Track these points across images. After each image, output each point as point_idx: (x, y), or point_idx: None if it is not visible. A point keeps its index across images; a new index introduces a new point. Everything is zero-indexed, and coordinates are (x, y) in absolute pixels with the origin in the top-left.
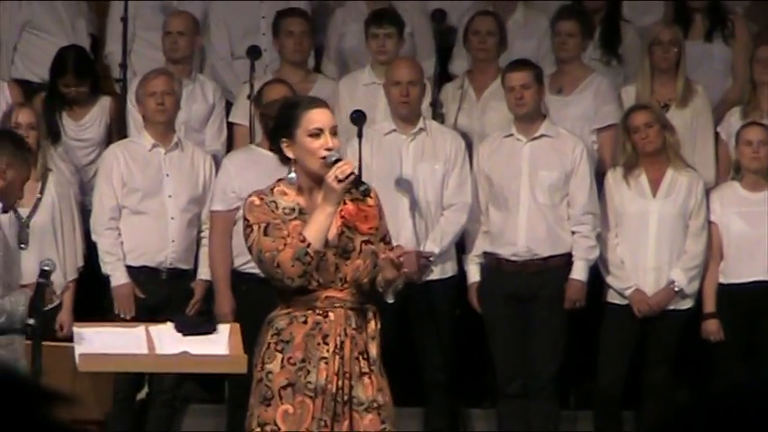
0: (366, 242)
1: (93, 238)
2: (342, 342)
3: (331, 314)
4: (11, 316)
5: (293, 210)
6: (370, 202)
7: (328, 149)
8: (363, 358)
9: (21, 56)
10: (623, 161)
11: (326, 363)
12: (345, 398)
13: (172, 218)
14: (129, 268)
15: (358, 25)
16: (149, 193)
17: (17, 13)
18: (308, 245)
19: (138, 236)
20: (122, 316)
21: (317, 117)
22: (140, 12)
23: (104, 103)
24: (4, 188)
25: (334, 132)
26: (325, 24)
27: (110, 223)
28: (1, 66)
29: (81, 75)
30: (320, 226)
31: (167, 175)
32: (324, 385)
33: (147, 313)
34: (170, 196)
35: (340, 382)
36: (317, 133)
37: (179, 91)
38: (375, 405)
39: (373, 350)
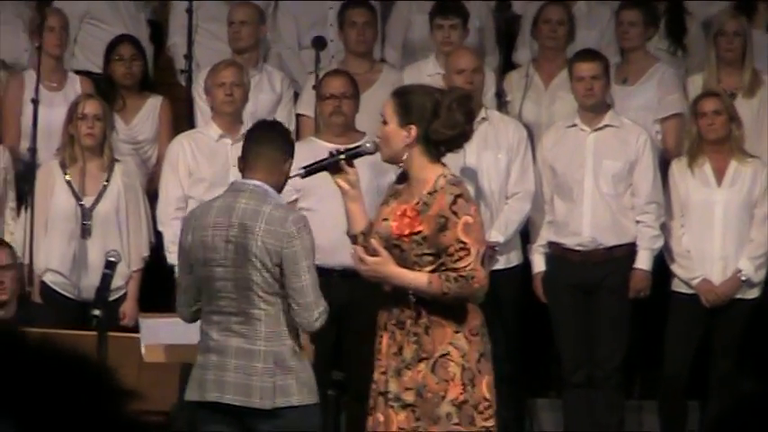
0: (395, 245)
1: (159, 227)
2: (381, 336)
3: (382, 309)
4: None
5: None
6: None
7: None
8: (398, 355)
9: (80, 47)
10: (688, 146)
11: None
12: (381, 390)
13: None
14: None
15: (423, 16)
16: (216, 183)
17: (76, 4)
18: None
19: None
20: None
21: None
22: (203, 3)
23: (154, 102)
24: None
25: None
26: (390, 14)
27: (176, 213)
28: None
29: (132, 61)
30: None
31: (234, 165)
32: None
33: None
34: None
35: (379, 376)
36: None
37: (247, 82)
38: (405, 403)
39: (408, 349)
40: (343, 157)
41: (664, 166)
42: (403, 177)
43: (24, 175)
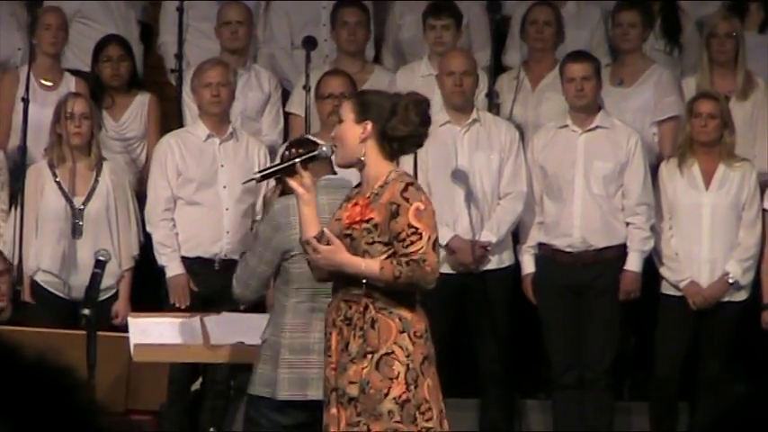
0: (346, 235)
1: (148, 228)
2: (330, 334)
3: (329, 308)
4: None
5: None
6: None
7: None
8: (344, 350)
9: (71, 46)
10: (679, 145)
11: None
12: (333, 386)
13: (226, 209)
14: (183, 259)
15: (415, 16)
16: (204, 183)
17: (68, 3)
18: None
19: (193, 227)
20: (178, 306)
21: None
22: (194, 2)
23: (142, 99)
24: None
25: None
26: (385, 15)
27: (164, 214)
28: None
29: (119, 62)
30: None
31: (222, 165)
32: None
33: (201, 304)
34: (225, 187)
35: (329, 372)
36: None
37: (234, 81)
38: (350, 397)
39: (354, 344)
40: (298, 160)
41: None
42: (359, 184)
43: (14, 174)
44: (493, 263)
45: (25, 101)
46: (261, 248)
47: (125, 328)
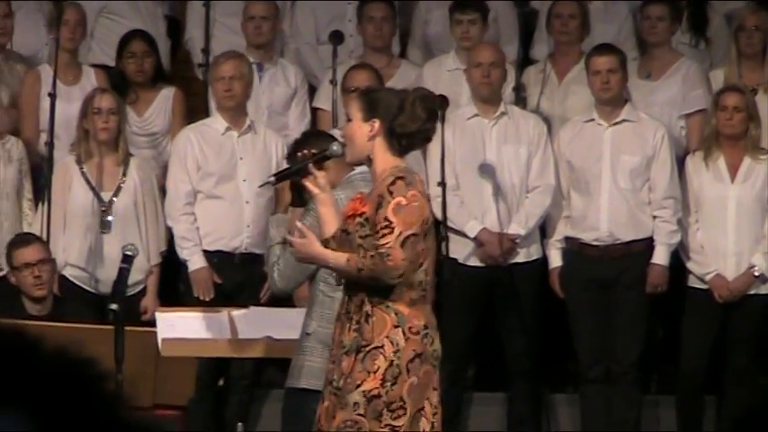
0: (343, 230)
1: (169, 223)
2: (335, 328)
3: (340, 302)
4: None
5: None
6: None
7: None
8: (341, 345)
9: (97, 41)
10: (705, 137)
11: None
12: (329, 378)
13: (246, 202)
14: (205, 252)
15: (443, 11)
16: (224, 177)
17: None
18: None
19: (214, 220)
20: (201, 299)
21: None
22: None
23: (167, 93)
24: None
25: None
26: (411, 10)
27: (185, 208)
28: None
29: (144, 57)
30: None
31: (241, 158)
32: None
33: (222, 298)
34: (244, 180)
35: (329, 365)
36: None
37: (249, 74)
38: (335, 390)
39: (347, 337)
40: (311, 161)
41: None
42: None
43: (42, 169)
44: (521, 256)
45: (52, 96)
46: None
47: (153, 323)
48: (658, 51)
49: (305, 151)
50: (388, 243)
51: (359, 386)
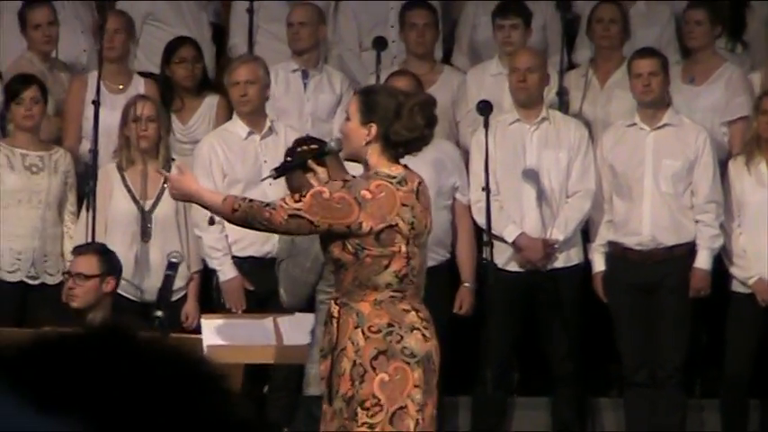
0: None
1: (197, 233)
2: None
3: None
4: None
5: None
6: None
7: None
8: (321, 348)
9: (142, 48)
10: (746, 142)
11: None
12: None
13: None
14: (235, 258)
15: (489, 17)
16: (251, 182)
17: (139, 4)
18: None
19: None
20: (233, 310)
21: None
22: (263, 3)
23: (211, 101)
24: None
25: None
26: (457, 16)
27: (209, 223)
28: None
29: (194, 63)
30: None
31: (265, 161)
32: None
33: (257, 304)
34: (270, 184)
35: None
36: None
37: (265, 77)
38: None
39: (323, 340)
40: (310, 156)
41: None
42: None
43: (85, 177)
44: (560, 261)
45: (96, 103)
46: (302, 259)
47: (195, 330)
48: (701, 55)
49: (304, 147)
50: (284, 205)
51: (338, 391)
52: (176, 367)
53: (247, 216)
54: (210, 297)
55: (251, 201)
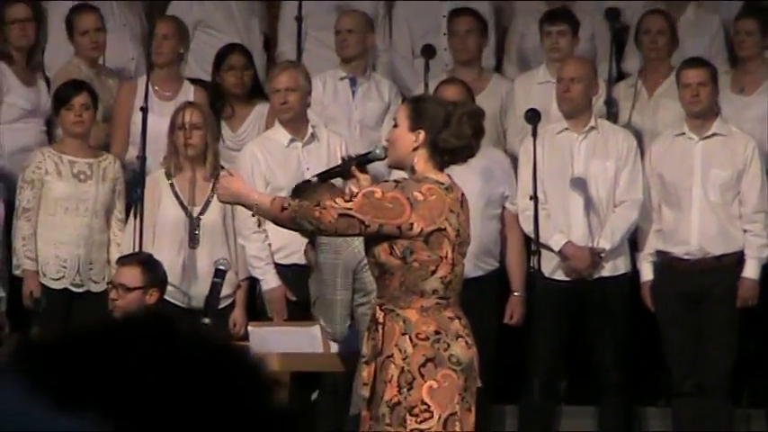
0: None
1: (240, 241)
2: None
3: None
4: None
5: None
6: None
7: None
8: (362, 355)
9: (194, 55)
10: None
11: None
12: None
13: None
14: (279, 266)
15: (537, 25)
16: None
17: (189, 12)
18: None
19: (287, 235)
20: (276, 320)
21: None
22: (312, 10)
23: (261, 109)
24: None
25: None
26: (507, 25)
27: (256, 226)
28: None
29: (243, 70)
30: None
31: (307, 168)
32: None
33: (301, 312)
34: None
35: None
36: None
37: (306, 84)
38: (363, 397)
39: (366, 346)
40: (354, 162)
41: None
42: None
43: (133, 183)
44: (607, 270)
45: (144, 110)
46: (330, 278)
47: (244, 337)
48: (751, 65)
49: (350, 153)
50: (334, 204)
51: (382, 397)
52: (215, 356)
53: (296, 215)
54: (254, 305)
55: (300, 201)
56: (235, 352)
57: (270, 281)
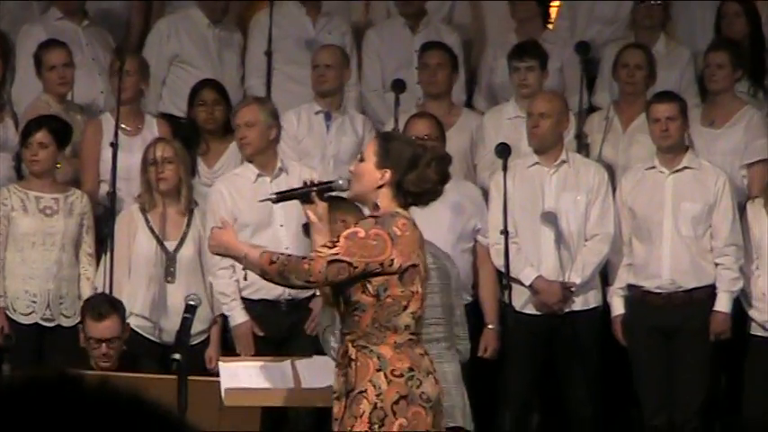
0: None
1: (208, 278)
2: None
3: None
4: None
5: None
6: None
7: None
8: (333, 390)
9: (168, 90)
10: (766, 183)
11: None
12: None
13: (286, 248)
14: (248, 302)
15: (506, 60)
16: (261, 225)
17: (166, 46)
18: None
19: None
20: (243, 355)
21: None
22: (279, 45)
23: (236, 146)
24: None
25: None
26: (478, 58)
27: (222, 263)
28: (150, 100)
29: (214, 106)
30: None
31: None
32: None
33: (273, 347)
34: (281, 225)
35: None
36: None
37: (268, 119)
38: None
39: (336, 382)
40: (315, 189)
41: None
42: None
43: (104, 219)
44: (578, 304)
45: (114, 146)
46: None
47: (216, 373)
48: (721, 99)
49: (312, 179)
50: (320, 253)
51: None
52: (125, 412)
53: (285, 269)
54: (227, 341)
55: (289, 255)
56: (146, 406)
57: (236, 317)
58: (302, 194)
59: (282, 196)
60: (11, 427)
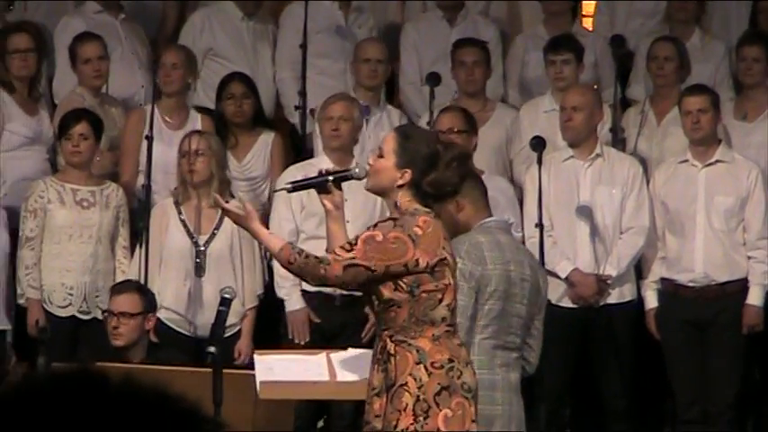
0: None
1: (272, 261)
2: (371, 368)
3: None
4: None
5: None
6: None
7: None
8: (372, 386)
9: (202, 83)
10: None
11: None
12: (365, 420)
13: None
14: (305, 293)
15: (539, 53)
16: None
17: (200, 39)
18: None
19: None
20: (297, 341)
21: None
22: (311, 38)
23: (266, 138)
24: None
25: None
26: (508, 54)
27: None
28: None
29: (242, 99)
30: None
31: (346, 200)
32: None
33: (322, 340)
34: (348, 221)
35: (366, 406)
36: None
37: (358, 118)
38: (375, 430)
39: (375, 378)
40: (331, 178)
41: None
42: None
43: (139, 212)
44: (613, 297)
45: (149, 139)
46: (463, 282)
47: (250, 366)
48: (754, 92)
49: (328, 167)
50: (337, 257)
51: (396, 426)
52: (150, 406)
53: (301, 271)
54: (275, 331)
55: (307, 256)
56: (171, 400)
57: (294, 302)
58: (318, 183)
59: (298, 185)
60: (34, 424)
